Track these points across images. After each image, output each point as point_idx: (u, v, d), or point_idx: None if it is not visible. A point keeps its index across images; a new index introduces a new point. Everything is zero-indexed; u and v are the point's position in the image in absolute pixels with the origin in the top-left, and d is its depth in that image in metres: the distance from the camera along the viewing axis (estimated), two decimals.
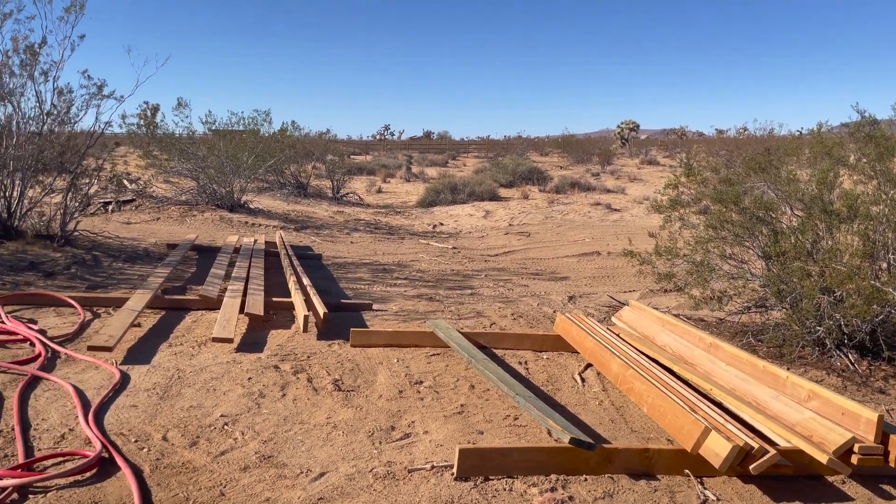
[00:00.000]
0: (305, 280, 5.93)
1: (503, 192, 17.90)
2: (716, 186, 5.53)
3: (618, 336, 4.48)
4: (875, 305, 4.03)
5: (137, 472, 2.68)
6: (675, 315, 5.28)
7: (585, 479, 2.80)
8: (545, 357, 4.48)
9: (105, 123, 7.67)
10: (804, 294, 4.31)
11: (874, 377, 4.24)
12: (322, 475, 2.75)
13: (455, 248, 10.02)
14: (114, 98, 7.47)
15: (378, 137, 67.10)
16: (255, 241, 8.41)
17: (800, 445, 2.93)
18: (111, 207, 10.78)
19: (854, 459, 2.82)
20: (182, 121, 12.99)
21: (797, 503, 2.79)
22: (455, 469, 2.75)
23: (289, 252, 7.52)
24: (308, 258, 8.21)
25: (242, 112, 16.04)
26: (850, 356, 4.37)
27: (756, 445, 2.78)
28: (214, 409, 3.34)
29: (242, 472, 2.75)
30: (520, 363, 4.32)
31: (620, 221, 13.20)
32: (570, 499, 2.65)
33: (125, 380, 3.65)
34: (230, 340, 4.31)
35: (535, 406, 3.21)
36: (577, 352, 4.47)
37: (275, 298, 5.47)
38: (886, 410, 3.78)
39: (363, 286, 6.75)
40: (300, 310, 4.89)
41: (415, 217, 14.48)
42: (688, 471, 2.91)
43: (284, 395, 3.57)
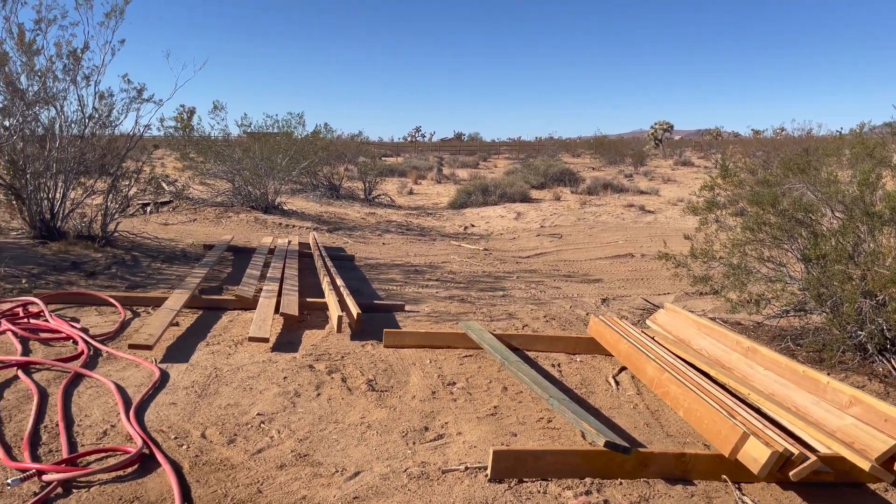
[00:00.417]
0: (339, 281, 5.98)
1: (534, 194, 17.82)
2: (753, 188, 5.44)
3: (652, 339, 4.44)
4: None
5: (177, 469, 2.73)
6: (712, 318, 5.21)
7: (620, 483, 2.77)
8: (578, 360, 4.45)
9: (144, 126, 7.85)
10: (845, 298, 4.21)
11: None
12: (357, 474, 2.77)
13: (486, 250, 10.01)
14: (153, 101, 7.63)
15: (409, 139, 67.32)
16: (290, 243, 8.50)
17: (841, 452, 2.87)
18: (149, 209, 11.01)
19: None
20: (218, 123, 13.21)
21: None
22: (489, 471, 2.75)
23: (322, 253, 7.59)
24: (341, 259, 8.28)
25: (277, 114, 16.26)
26: (893, 361, 4.26)
27: (796, 451, 2.73)
28: (251, 408, 3.40)
29: (279, 470, 2.79)
30: (553, 365, 4.30)
31: (654, 223, 13.04)
32: (605, 502, 2.64)
33: (164, 378, 3.73)
34: (266, 340, 4.37)
35: (569, 409, 3.19)
36: (611, 355, 4.43)
37: (309, 299, 5.53)
38: None
39: (395, 287, 6.79)
40: (334, 310, 4.94)
41: (446, 219, 14.50)
42: (725, 476, 2.87)
43: (319, 395, 3.61)
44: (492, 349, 4.16)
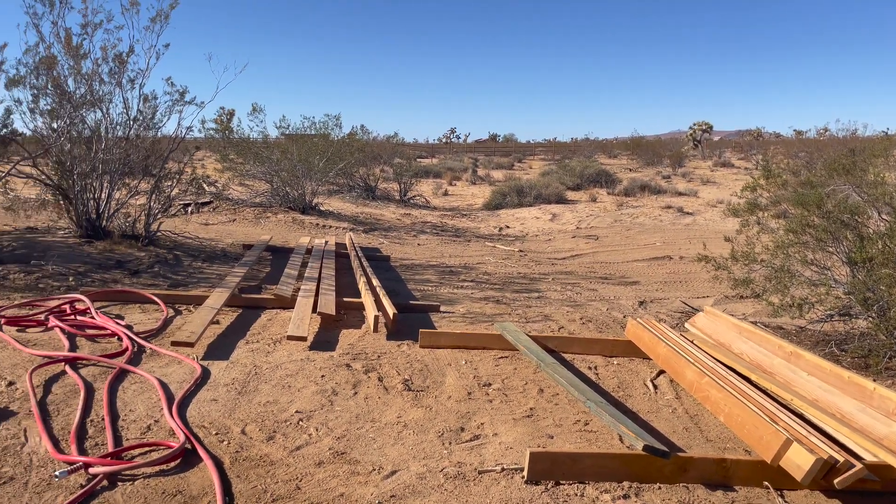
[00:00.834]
0: (375, 281, 6.03)
1: (570, 195, 17.69)
2: (796, 189, 5.33)
3: (692, 343, 4.37)
4: None
5: (218, 464, 2.78)
6: (753, 322, 5.11)
7: (659, 488, 2.74)
8: (615, 362, 4.41)
9: (187, 128, 8.02)
10: (892, 302, 4.10)
11: None
12: (394, 473, 2.79)
13: (521, 251, 9.98)
14: (195, 104, 7.80)
15: (444, 140, 67.45)
16: (326, 243, 8.60)
17: (888, 460, 2.79)
18: (190, 209, 11.23)
19: None
20: (257, 125, 13.42)
21: None
22: (525, 472, 2.75)
23: (358, 253, 7.66)
24: (377, 259, 8.34)
25: (314, 116, 16.45)
26: None
27: (841, 459, 2.66)
28: (290, 405, 3.44)
29: (317, 467, 2.82)
30: (589, 368, 4.27)
31: (693, 225, 12.85)
32: None
33: (206, 374, 3.80)
34: (304, 339, 4.42)
35: (607, 412, 3.16)
36: (649, 358, 4.38)
37: (345, 298, 5.58)
38: None
39: (430, 288, 6.81)
40: (370, 310, 4.98)
41: (481, 220, 14.49)
42: (767, 483, 2.82)
43: (356, 394, 3.65)
44: (528, 351, 4.15)
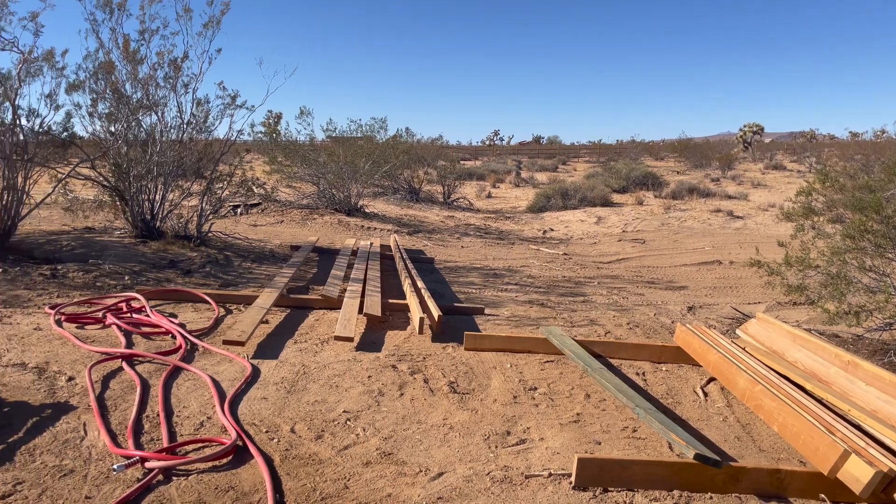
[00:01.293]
0: (420, 283, 6.06)
1: (616, 198, 17.48)
2: (854, 193, 5.16)
3: (743, 350, 4.28)
4: None
5: (269, 462, 2.84)
6: (807, 330, 4.96)
7: (710, 498, 2.69)
8: (664, 369, 4.34)
9: (238, 132, 8.20)
10: None
11: None
12: (440, 475, 2.80)
13: (566, 255, 9.90)
14: (245, 108, 7.96)
15: (487, 143, 67.41)
16: (371, 245, 8.68)
17: None
18: (240, 210, 11.47)
19: None
20: (304, 128, 13.62)
21: None
22: (573, 478, 2.72)
23: (403, 255, 7.70)
24: (421, 262, 8.38)
25: (360, 119, 16.64)
26: None
27: None
28: (337, 405, 3.49)
29: (364, 467, 2.85)
30: (637, 374, 4.21)
31: (744, 229, 12.55)
32: None
33: (256, 373, 3.88)
34: (351, 339, 4.47)
35: (656, 418, 3.12)
36: (699, 365, 4.30)
37: (390, 300, 5.63)
38: None
39: (474, 290, 6.81)
40: (416, 312, 5.01)
41: (524, 222, 14.42)
42: (823, 496, 2.73)
43: (402, 395, 3.67)
44: (574, 355, 4.11)
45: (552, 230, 13.14)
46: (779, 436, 3.31)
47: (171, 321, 4.73)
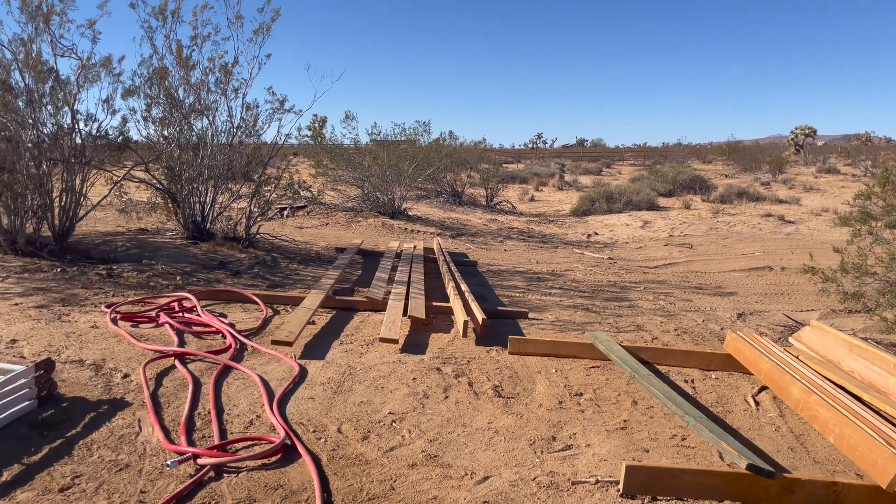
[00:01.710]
0: (463, 286, 6.06)
1: (662, 202, 17.21)
2: None
3: (796, 358, 4.15)
4: None
5: (316, 461, 2.87)
6: (863, 339, 4.80)
7: None
8: (713, 376, 4.25)
9: (286, 135, 8.34)
10: None
11: None
12: (486, 479, 2.79)
13: (611, 259, 9.78)
14: (293, 112, 8.10)
15: (530, 146, 67.12)
16: (415, 247, 8.72)
17: None
18: (286, 213, 11.66)
19: None
20: (349, 132, 13.78)
21: None
22: (621, 486, 2.69)
23: (446, 258, 7.72)
24: (464, 265, 8.39)
25: (404, 123, 16.77)
26: None
27: None
28: (383, 406, 3.51)
29: (410, 469, 2.86)
30: (685, 381, 4.13)
31: (795, 234, 12.22)
32: None
33: (303, 373, 3.93)
34: (395, 341, 4.50)
35: (707, 427, 3.05)
36: (750, 373, 4.20)
37: (434, 303, 5.64)
38: None
39: (518, 294, 6.78)
40: (460, 315, 5.01)
41: (568, 226, 14.31)
42: None
43: (447, 398, 3.68)
44: (621, 361, 4.06)
45: (596, 234, 13.00)
46: (834, 447, 3.21)
47: (222, 321, 4.83)
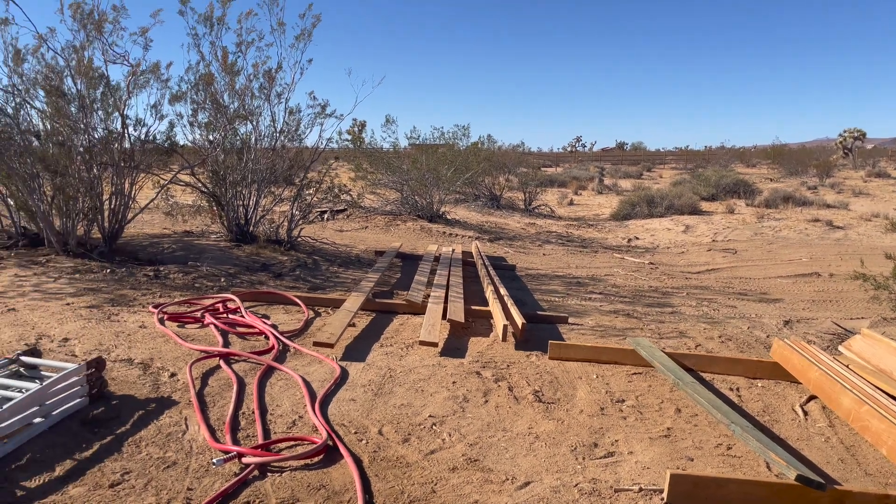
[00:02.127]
0: (502, 290, 6.04)
1: (705, 206, 16.91)
2: None
3: (847, 367, 4.04)
4: None
5: (358, 462, 2.90)
6: None
7: None
8: (760, 385, 4.15)
9: (327, 140, 8.45)
10: None
11: None
12: (527, 484, 2.78)
13: (652, 264, 9.65)
14: (334, 116, 8.20)
15: (569, 149, 66.66)
16: (453, 251, 8.73)
17: None
18: (326, 216, 11.80)
19: None
20: (389, 136, 13.88)
21: None
22: (665, 494, 2.65)
23: (485, 262, 7.71)
24: (502, 268, 8.37)
25: (443, 127, 16.84)
26: None
27: None
28: (423, 409, 3.52)
29: (451, 473, 2.86)
30: (731, 389, 4.05)
31: (844, 240, 11.88)
32: None
33: (344, 375, 3.97)
34: (435, 345, 4.51)
35: (754, 436, 2.99)
36: (798, 382, 4.10)
37: (473, 306, 5.64)
38: None
39: (557, 298, 6.73)
40: (499, 319, 5.00)
41: (608, 230, 14.17)
42: None
43: (487, 402, 3.67)
44: (664, 368, 4.00)
45: (637, 238, 12.84)
46: (887, 459, 3.11)
47: (265, 322, 4.91)
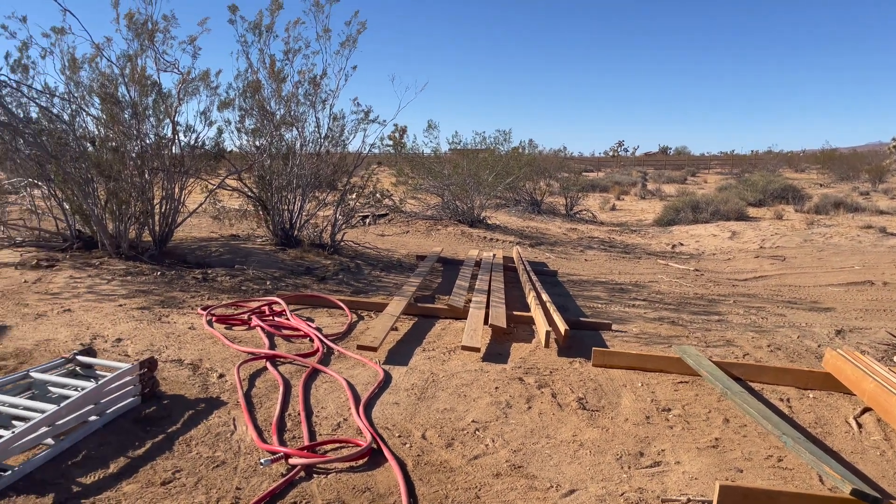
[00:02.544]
0: (545, 296, 6.01)
1: (752, 212, 16.56)
2: None
3: None
4: None
5: (402, 466, 2.91)
6: None
7: None
8: (811, 396, 4.04)
9: (370, 145, 8.53)
10: None
11: None
12: (572, 492, 2.76)
13: (697, 270, 9.48)
14: (377, 122, 8.28)
15: (611, 153, 65.99)
16: (494, 256, 8.72)
17: None
18: (368, 221, 11.91)
19: None
20: (431, 141, 13.97)
21: None
22: None
23: (526, 267, 7.68)
24: (544, 274, 8.32)
25: (484, 132, 16.86)
26: None
27: None
28: (466, 414, 3.53)
29: (494, 479, 2.86)
30: (781, 400, 3.95)
31: None
32: None
33: (387, 378, 4.00)
34: (477, 350, 4.51)
35: (806, 448, 2.91)
36: (852, 393, 3.97)
37: (514, 312, 5.62)
38: None
39: (600, 305, 6.67)
40: (541, 325, 4.97)
41: (651, 236, 13.97)
42: None
43: (530, 408, 3.65)
44: (712, 377, 3.92)
45: (682, 244, 12.64)
46: None
47: (309, 325, 4.98)
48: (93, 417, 3.16)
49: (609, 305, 6.68)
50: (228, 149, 8.17)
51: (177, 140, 7.27)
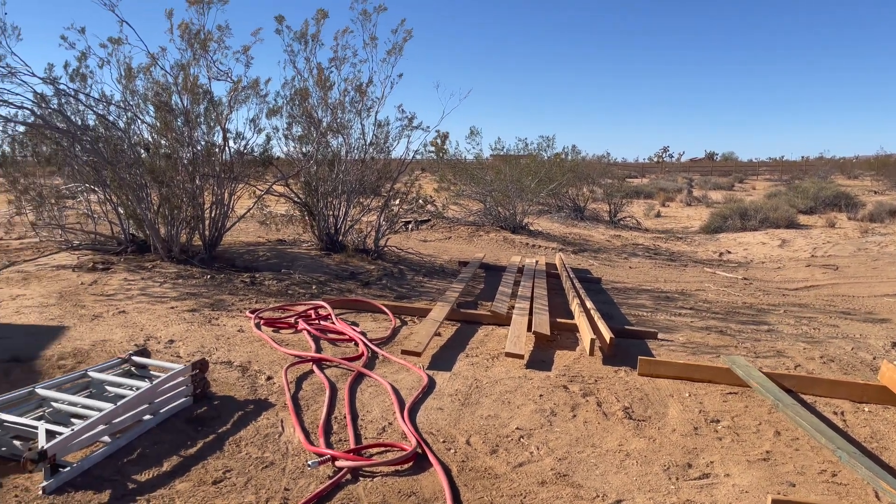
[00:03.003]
0: (589, 303, 5.96)
1: (802, 220, 16.13)
2: None
3: None
4: None
5: (447, 471, 2.93)
6: None
7: None
8: (866, 409, 3.92)
9: (414, 152, 8.60)
10: None
11: None
12: (618, 502, 2.73)
13: (745, 279, 9.28)
14: (421, 129, 8.34)
15: (656, 159, 65.08)
16: (537, 262, 8.69)
17: None
18: (410, 226, 11.99)
19: None
20: (474, 147, 14.00)
21: None
22: None
23: (570, 274, 7.63)
24: (587, 281, 8.25)
25: (527, 138, 16.84)
26: None
27: None
28: (510, 421, 3.52)
29: (539, 486, 2.85)
30: (834, 413, 3.84)
31: None
32: None
33: (431, 384, 4.02)
34: (521, 356, 4.50)
35: (862, 463, 2.83)
36: None
37: (558, 319, 5.59)
38: None
39: (645, 313, 6.58)
40: (586, 333, 4.93)
41: (697, 243, 13.73)
42: None
43: (575, 417, 3.63)
44: (762, 389, 3.84)
45: (729, 252, 12.38)
46: None
47: (354, 329, 5.04)
48: (147, 416, 3.26)
49: (654, 314, 6.59)
50: (276, 155, 8.33)
51: (227, 147, 7.45)
